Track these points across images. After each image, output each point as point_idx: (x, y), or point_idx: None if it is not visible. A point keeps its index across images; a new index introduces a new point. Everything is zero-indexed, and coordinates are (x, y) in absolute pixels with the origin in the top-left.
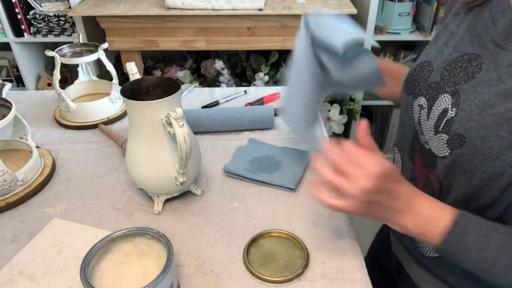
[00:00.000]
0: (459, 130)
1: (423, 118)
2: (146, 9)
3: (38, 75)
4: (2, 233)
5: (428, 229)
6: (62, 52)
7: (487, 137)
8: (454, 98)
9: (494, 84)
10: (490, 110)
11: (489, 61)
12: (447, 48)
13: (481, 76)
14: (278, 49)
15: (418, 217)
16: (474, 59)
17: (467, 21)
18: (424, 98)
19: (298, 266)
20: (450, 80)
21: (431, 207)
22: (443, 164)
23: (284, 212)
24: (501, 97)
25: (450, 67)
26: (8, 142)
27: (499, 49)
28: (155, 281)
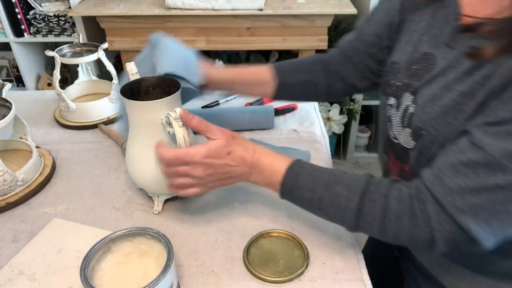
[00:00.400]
0: (418, 123)
1: (393, 116)
2: (146, 9)
3: (38, 75)
4: (2, 233)
5: (272, 179)
6: (62, 52)
7: (438, 125)
8: (413, 95)
9: (441, 79)
10: (438, 102)
11: (441, 59)
12: (409, 47)
13: (434, 73)
14: (278, 49)
15: (262, 173)
16: (429, 58)
17: (425, 19)
18: (393, 98)
19: (298, 266)
20: (413, 78)
21: (270, 163)
22: (413, 155)
23: (284, 212)
24: (444, 89)
25: (412, 67)
26: (8, 142)
27: (448, 48)
28: (155, 281)
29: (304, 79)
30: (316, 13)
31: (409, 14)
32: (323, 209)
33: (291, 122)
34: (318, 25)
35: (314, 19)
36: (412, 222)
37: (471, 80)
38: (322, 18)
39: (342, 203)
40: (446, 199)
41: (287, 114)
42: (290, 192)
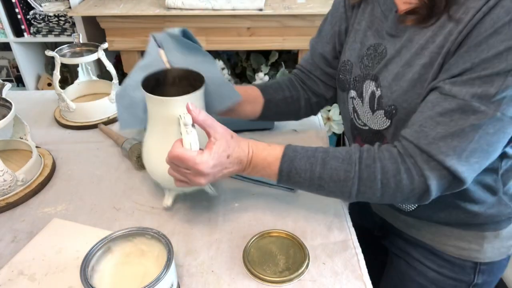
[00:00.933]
0: (389, 102)
1: (358, 106)
2: (146, 9)
3: (38, 75)
4: (2, 233)
5: (268, 172)
6: (62, 52)
7: (410, 98)
8: (375, 81)
9: (398, 60)
10: (403, 78)
11: (389, 46)
12: (356, 45)
13: (388, 57)
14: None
15: (256, 169)
16: (378, 47)
17: (365, 18)
18: (353, 91)
19: (298, 266)
20: (368, 69)
21: (264, 158)
22: (389, 132)
23: (284, 212)
24: (405, 66)
25: (363, 59)
26: (8, 142)
27: (393, 38)
28: (155, 281)
29: (287, 95)
30: (316, 13)
31: (351, 19)
32: (323, 186)
33: (291, 122)
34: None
35: (314, 19)
36: (408, 176)
37: (427, 52)
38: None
39: (342, 175)
40: (432, 147)
41: None
42: (288, 177)
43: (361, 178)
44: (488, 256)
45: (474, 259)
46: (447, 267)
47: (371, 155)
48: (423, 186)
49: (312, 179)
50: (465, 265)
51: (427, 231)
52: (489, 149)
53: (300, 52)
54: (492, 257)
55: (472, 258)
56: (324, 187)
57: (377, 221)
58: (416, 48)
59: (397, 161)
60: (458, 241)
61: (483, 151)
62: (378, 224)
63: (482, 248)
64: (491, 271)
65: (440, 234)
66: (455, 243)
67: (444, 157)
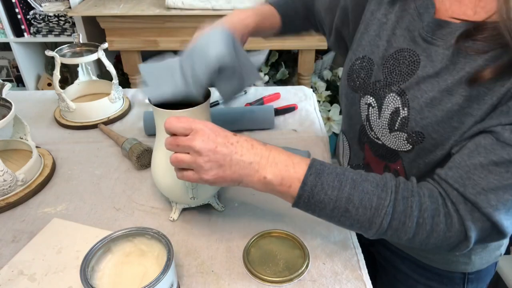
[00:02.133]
0: (416, 128)
1: (373, 117)
2: (146, 9)
3: (38, 75)
4: (2, 233)
5: (288, 175)
6: (62, 52)
7: (443, 130)
8: (402, 97)
9: (435, 82)
10: (439, 106)
11: (424, 57)
12: (381, 41)
13: (421, 73)
14: (278, 49)
15: (276, 165)
16: (410, 55)
17: (395, 12)
18: (371, 97)
19: (298, 266)
20: (393, 78)
21: (286, 154)
22: (408, 156)
23: (284, 212)
24: (445, 92)
25: (389, 63)
26: (8, 142)
27: (428, 44)
28: (155, 281)
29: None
30: None
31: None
32: (350, 211)
33: (291, 122)
34: None
35: None
36: (446, 222)
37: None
38: None
39: (375, 201)
40: (481, 199)
41: (287, 114)
42: (311, 193)
43: (396, 210)
44: (476, 266)
45: (462, 270)
46: (436, 280)
47: (409, 187)
48: (461, 237)
49: (339, 199)
50: (453, 277)
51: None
52: None
53: (300, 52)
54: (480, 266)
55: (461, 270)
56: (351, 213)
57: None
58: (461, 76)
59: (438, 202)
60: (446, 254)
61: None
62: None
63: (470, 260)
64: (480, 278)
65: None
66: (443, 257)
67: (493, 211)
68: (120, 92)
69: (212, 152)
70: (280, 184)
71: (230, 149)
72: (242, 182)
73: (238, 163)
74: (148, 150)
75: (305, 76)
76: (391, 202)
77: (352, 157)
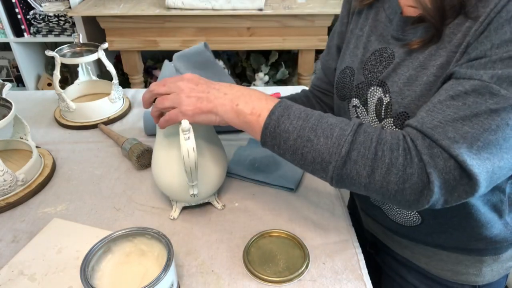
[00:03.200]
0: (399, 109)
1: (362, 115)
2: (146, 9)
3: (38, 75)
4: (2, 233)
5: (259, 104)
6: (62, 52)
7: (424, 103)
8: (382, 87)
9: (409, 63)
10: (416, 82)
11: (397, 49)
12: (358, 50)
13: (396, 61)
14: (278, 49)
15: (249, 97)
16: (384, 51)
17: (368, 24)
18: (356, 99)
19: (298, 266)
20: (373, 75)
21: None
22: None
23: (284, 212)
24: (419, 68)
25: (367, 65)
26: (8, 142)
27: (399, 41)
28: (155, 281)
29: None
30: (316, 13)
31: (351, 25)
32: (312, 141)
33: None
34: (318, 25)
35: (314, 19)
36: (406, 156)
37: (444, 52)
38: (322, 18)
39: (336, 132)
40: (437, 131)
41: None
42: (277, 122)
43: (356, 140)
44: (486, 279)
45: (472, 282)
46: None
47: (371, 126)
48: (423, 177)
49: (303, 128)
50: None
51: (422, 254)
52: (504, 146)
53: (300, 52)
54: (491, 279)
55: (470, 282)
56: (312, 142)
57: (368, 238)
58: (430, 49)
59: (398, 138)
60: (456, 265)
61: (497, 146)
62: (370, 240)
63: (481, 272)
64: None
65: (436, 258)
66: (452, 268)
67: (451, 143)
68: (120, 92)
69: (193, 88)
70: (250, 113)
71: (209, 85)
72: (218, 113)
73: (215, 94)
74: (148, 150)
75: (305, 76)
76: (352, 132)
77: None
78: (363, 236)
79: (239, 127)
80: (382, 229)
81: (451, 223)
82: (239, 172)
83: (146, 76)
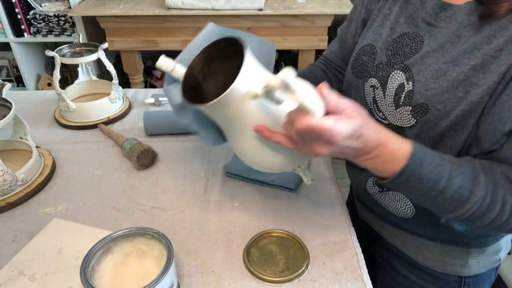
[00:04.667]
0: (421, 99)
1: (379, 97)
2: (146, 9)
3: (38, 75)
4: (2, 233)
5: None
6: (62, 52)
7: (448, 100)
8: (406, 73)
9: (439, 54)
10: (444, 77)
11: (427, 37)
12: (384, 30)
13: (425, 49)
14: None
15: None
16: (413, 37)
17: (399, 3)
18: (375, 79)
19: (298, 266)
20: (396, 58)
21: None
22: (412, 132)
23: (284, 212)
24: (450, 64)
25: (392, 46)
26: (8, 142)
27: (431, 27)
28: (155, 281)
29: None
30: (316, 13)
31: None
32: (438, 200)
33: None
34: (318, 25)
35: (314, 19)
36: None
37: (480, 54)
38: (322, 18)
39: (465, 196)
40: None
41: None
42: (407, 180)
43: (482, 205)
44: (473, 270)
45: (459, 273)
46: (432, 282)
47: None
48: None
49: (431, 189)
50: (450, 279)
51: (411, 244)
52: None
53: (300, 52)
54: (477, 270)
55: (457, 273)
56: (438, 201)
57: (363, 228)
58: (466, 47)
59: None
60: (443, 256)
61: None
62: (365, 230)
63: (467, 263)
64: (477, 283)
65: (424, 248)
66: (439, 258)
67: None
68: (120, 92)
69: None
70: (373, 170)
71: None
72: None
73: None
74: (148, 150)
75: None
76: (481, 198)
77: None
78: (358, 227)
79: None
80: (375, 218)
81: (438, 219)
82: (239, 172)
83: (146, 76)
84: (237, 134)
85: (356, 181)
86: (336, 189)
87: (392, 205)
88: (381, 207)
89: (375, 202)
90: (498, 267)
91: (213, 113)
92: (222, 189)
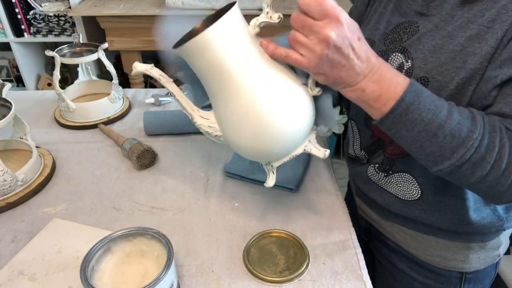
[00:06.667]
0: (420, 73)
1: None
2: (146, 9)
3: (38, 75)
4: (2, 233)
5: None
6: (62, 52)
7: (447, 71)
8: (404, 54)
9: (435, 33)
10: (441, 50)
11: (422, 22)
12: (381, 25)
13: (421, 31)
14: None
15: (379, 82)
16: (409, 25)
17: (392, 2)
18: None
19: (298, 266)
20: (394, 44)
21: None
22: None
23: (284, 212)
24: (446, 38)
25: (389, 36)
26: (8, 142)
27: (425, 16)
28: (155, 281)
29: None
30: None
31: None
32: (438, 137)
33: None
34: None
35: None
36: None
37: (475, 25)
38: None
39: (464, 132)
40: None
41: None
42: (406, 110)
43: (481, 144)
44: (473, 266)
45: (459, 269)
46: (433, 278)
47: (491, 122)
48: None
49: (431, 123)
50: (450, 276)
51: (413, 239)
52: None
53: None
54: (478, 266)
55: (458, 269)
56: (438, 138)
57: (363, 225)
58: (460, 22)
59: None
60: (443, 251)
61: None
62: (364, 227)
63: (467, 259)
64: (477, 279)
65: (425, 244)
66: (440, 254)
67: None
68: (120, 92)
69: (336, 49)
70: (375, 101)
71: (350, 54)
72: (339, 86)
73: (348, 70)
74: (148, 150)
75: None
76: (479, 135)
77: (363, 140)
78: (358, 224)
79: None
80: (376, 213)
81: (447, 202)
82: (239, 172)
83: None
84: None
85: (356, 173)
86: (336, 189)
87: (399, 187)
88: (386, 193)
89: (380, 189)
90: (498, 264)
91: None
92: (222, 189)
